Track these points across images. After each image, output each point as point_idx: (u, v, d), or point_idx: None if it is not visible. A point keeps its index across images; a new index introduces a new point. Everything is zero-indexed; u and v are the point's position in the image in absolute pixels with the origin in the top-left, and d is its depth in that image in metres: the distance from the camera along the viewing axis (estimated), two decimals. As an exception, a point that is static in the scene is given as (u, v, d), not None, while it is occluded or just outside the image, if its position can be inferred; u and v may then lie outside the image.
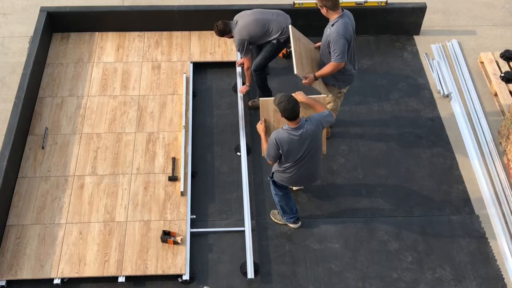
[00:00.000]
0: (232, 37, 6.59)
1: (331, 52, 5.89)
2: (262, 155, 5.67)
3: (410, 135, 6.93)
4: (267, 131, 5.64)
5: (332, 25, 5.83)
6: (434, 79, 7.54)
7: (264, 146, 5.55)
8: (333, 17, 5.83)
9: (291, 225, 6.05)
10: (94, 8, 7.76)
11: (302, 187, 6.29)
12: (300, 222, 6.06)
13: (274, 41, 6.52)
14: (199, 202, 6.21)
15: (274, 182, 5.73)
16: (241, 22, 6.47)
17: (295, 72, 5.90)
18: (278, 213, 6.07)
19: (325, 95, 5.74)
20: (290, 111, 5.07)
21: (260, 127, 5.50)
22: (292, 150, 5.24)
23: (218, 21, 6.54)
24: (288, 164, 5.38)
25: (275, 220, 6.10)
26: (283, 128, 5.23)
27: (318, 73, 6.00)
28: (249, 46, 6.55)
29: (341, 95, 6.37)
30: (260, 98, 5.42)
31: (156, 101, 6.97)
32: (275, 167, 5.57)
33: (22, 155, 6.41)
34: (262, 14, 6.55)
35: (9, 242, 5.74)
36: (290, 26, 6.21)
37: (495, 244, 5.99)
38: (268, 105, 5.30)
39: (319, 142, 5.38)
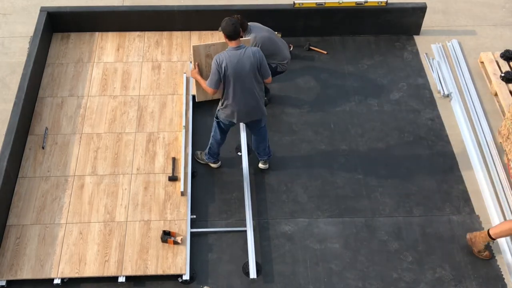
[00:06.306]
0: (240, 37, 6.48)
1: None
2: (197, 100, 6.06)
3: (410, 135, 6.93)
4: (201, 76, 5.94)
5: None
6: (434, 79, 7.54)
7: (203, 85, 5.80)
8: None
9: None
10: (94, 8, 7.76)
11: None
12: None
13: (273, 65, 6.60)
14: (199, 202, 6.21)
15: (218, 124, 6.02)
16: (256, 32, 6.48)
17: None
18: (201, 153, 6.47)
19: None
20: (231, 27, 5.33)
21: (194, 71, 5.76)
22: (231, 67, 5.38)
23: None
24: (230, 92, 5.53)
25: (198, 160, 6.49)
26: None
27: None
28: None
29: None
30: (192, 45, 5.59)
31: (156, 101, 6.97)
32: (220, 105, 5.83)
33: (22, 155, 6.41)
34: (275, 36, 6.71)
35: (9, 242, 5.74)
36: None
37: (495, 244, 5.99)
38: (199, 50, 5.58)
39: (257, 72, 5.56)
